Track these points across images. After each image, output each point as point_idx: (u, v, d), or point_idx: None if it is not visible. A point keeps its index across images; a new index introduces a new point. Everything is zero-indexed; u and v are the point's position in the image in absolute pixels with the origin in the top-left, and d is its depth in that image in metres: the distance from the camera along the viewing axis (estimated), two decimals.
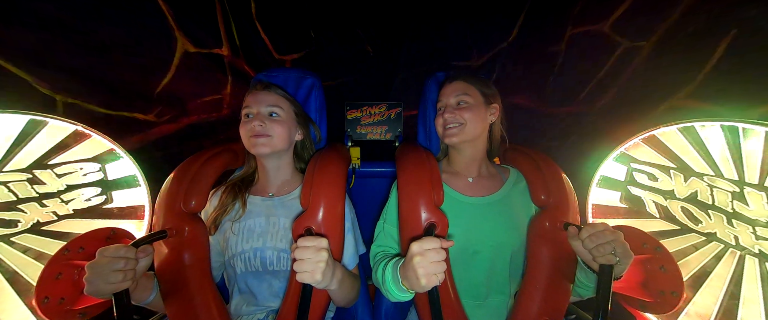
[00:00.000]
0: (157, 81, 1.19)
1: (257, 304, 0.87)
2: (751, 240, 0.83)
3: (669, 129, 0.98)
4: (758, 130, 0.81)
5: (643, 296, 0.86)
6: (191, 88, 1.31)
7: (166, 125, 1.26)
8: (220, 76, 1.41)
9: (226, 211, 0.88)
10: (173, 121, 1.28)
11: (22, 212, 0.88)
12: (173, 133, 1.30)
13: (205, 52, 1.31)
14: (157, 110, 1.21)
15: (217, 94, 1.42)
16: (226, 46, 1.38)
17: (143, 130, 1.20)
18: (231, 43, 1.40)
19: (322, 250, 0.66)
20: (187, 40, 1.22)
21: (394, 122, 1.55)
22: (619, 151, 1.11)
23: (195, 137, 1.38)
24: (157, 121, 1.23)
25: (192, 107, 1.34)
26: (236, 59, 1.45)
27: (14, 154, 0.87)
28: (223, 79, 1.42)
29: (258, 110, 0.86)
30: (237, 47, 1.43)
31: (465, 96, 0.88)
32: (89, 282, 0.61)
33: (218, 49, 1.36)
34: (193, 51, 1.26)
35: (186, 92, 1.29)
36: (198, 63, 1.29)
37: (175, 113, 1.28)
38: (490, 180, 0.92)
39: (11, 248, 0.86)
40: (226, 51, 1.39)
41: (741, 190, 0.84)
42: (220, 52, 1.37)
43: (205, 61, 1.32)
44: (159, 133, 1.25)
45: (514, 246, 0.84)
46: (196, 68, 1.29)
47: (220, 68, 1.39)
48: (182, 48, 1.22)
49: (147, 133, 1.21)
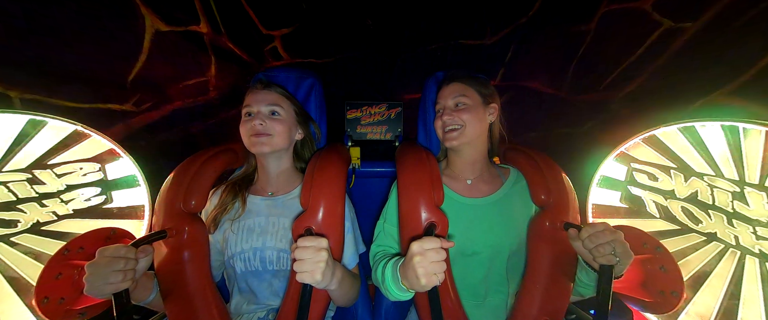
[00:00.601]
0: (129, 67, 1.08)
1: (257, 303, 0.87)
2: (752, 240, 0.83)
3: (669, 129, 0.98)
4: (758, 130, 0.81)
5: (643, 296, 0.86)
6: (169, 72, 1.19)
7: (147, 113, 1.17)
8: (202, 56, 1.27)
9: (226, 210, 0.88)
10: (155, 108, 1.19)
11: (21, 212, 0.88)
12: (157, 121, 1.21)
13: (181, 30, 1.15)
14: (135, 99, 1.12)
15: (201, 77, 1.29)
16: (205, 22, 1.20)
17: (122, 121, 1.12)
18: (210, 19, 1.22)
19: (322, 250, 0.66)
20: (156, 17, 1.07)
21: (394, 122, 1.55)
22: (619, 151, 1.11)
23: (182, 122, 1.30)
24: (137, 110, 1.14)
25: (173, 92, 1.23)
26: (218, 36, 1.27)
27: (14, 154, 0.87)
28: (205, 59, 1.28)
29: (258, 109, 0.86)
30: (217, 23, 1.25)
31: (463, 97, 0.88)
32: (89, 282, 0.61)
33: (195, 26, 1.19)
34: (166, 30, 1.11)
35: (164, 76, 1.18)
36: (173, 43, 1.15)
37: (155, 100, 1.18)
38: (489, 181, 0.92)
39: (11, 248, 0.86)
40: (205, 28, 1.21)
41: (741, 190, 0.84)
42: (198, 30, 1.20)
43: (181, 41, 1.17)
44: (141, 122, 1.16)
45: (512, 246, 0.84)
46: (171, 49, 1.15)
47: (200, 47, 1.24)
48: (152, 27, 1.08)
49: (127, 124, 1.13)
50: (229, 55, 1.34)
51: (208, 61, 1.28)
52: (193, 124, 1.35)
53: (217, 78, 1.33)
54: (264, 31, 1.40)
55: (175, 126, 1.27)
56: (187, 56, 1.22)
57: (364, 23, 1.55)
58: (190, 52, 1.23)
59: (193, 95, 1.29)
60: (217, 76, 1.33)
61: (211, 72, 1.31)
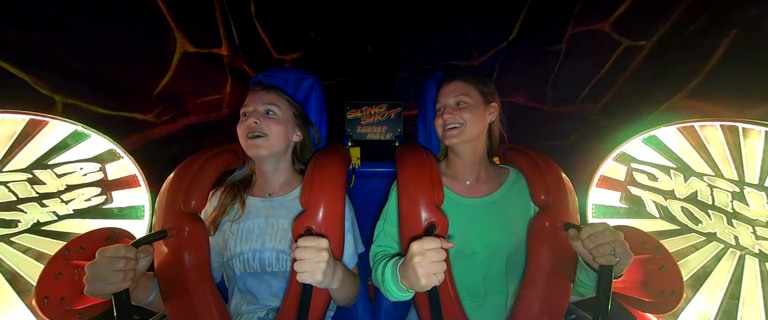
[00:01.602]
0: (157, 81, 1.19)
1: (257, 303, 0.87)
2: (751, 240, 0.83)
3: (669, 129, 0.98)
4: (758, 130, 0.81)
5: (643, 296, 0.86)
6: (191, 88, 1.31)
7: (165, 125, 1.26)
8: (220, 75, 1.41)
9: (226, 212, 0.88)
10: (173, 121, 1.28)
11: (22, 212, 0.88)
12: (173, 133, 1.29)
13: (205, 51, 1.31)
14: (157, 110, 1.21)
15: (217, 94, 1.42)
16: (226, 45, 1.38)
17: (143, 130, 1.20)
18: (230, 43, 1.40)
19: (323, 251, 0.66)
20: (186, 39, 1.22)
21: (394, 122, 1.55)
22: (619, 151, 1.11)
23: (195, 137, 1.38)
24: (157, 121, 1.22)
25: (191, 107, 1.34)
26: (236, 59, 1.45)
27: (14, 153, 0.87)
28: (222, 78, 1.42)
29: (254, 108, 0.86)
30: (236, 47, 1.43)
31: (464, 96, 0.87)
32: (89, 282, 0.61)
33: (217, 49, 1.36)
34: (193, 51, 1.26)
35: (185, 92, 1.29)
36: (197, 63, 1.29)
37: (174, 113, 1.28)
38: (488, 182, 0.92)
39: (11, 248, 0.86)
40: (226, 51, 1.39)
41: (741, 190, 0.84)
42: (219, 52, 1.37)
43: (204, 61, 1.32)
44: (159, 133, 1.25)
45: (511, 246, 0.84)
46: (195, 68, 1.29)
47: (219, 68, 1.40)
48: (182, 48, 1.22)
49: (146, 133, 1.21)
50: (244, 75, 1.49)
51: (225, 81, 1.43)
52: (205, 139, 1.43)
53: (231, 96, 1.46)
54: (276, 55, 1.61)
55: (188, 139, 1.35)
56: (208, 75, 1.36)
57: (364, 49, 1.80)
58: (210, 71, 1.36)
59: (208, 111, 1.41)
60: (231, 94, 1.45)
61: (227, 90, 1.44)
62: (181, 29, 1.19)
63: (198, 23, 1.26)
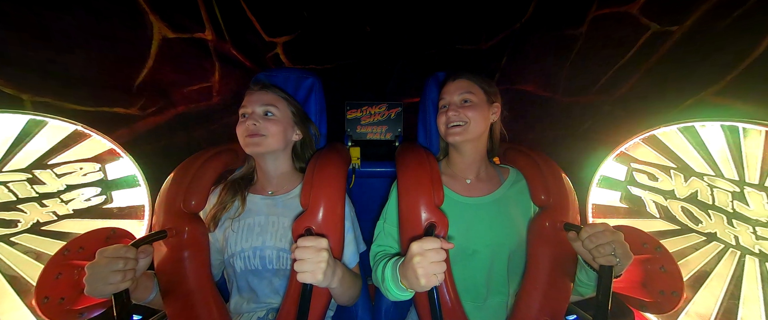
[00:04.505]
0: (136, 72, 1.11)
1: (257, 302, 0.87)
2: (751, 240, 0.83)
3: (669, 129, 0.98)
4: (758, 130, 0.81)
5: (643, 296, 0.86)
6: (175, 77, 1.23)
7: (151, 118, 1.20)
8: (206, 62, 1.31)
9: (226, 208, 0.88)
10: (159, 113, 1.22)
11: (22, 212, 0.88)
12: (161, 125, 1.23)
13: (186, 36, 1.19)
14: (140, 103, 1.14)
15: (205, 82, 1.33)
16: (210, 29, 1.26)
17: (127, 125, 1.14)
18: (215, 27, 1.27)
19: (323, 250, 0.66)
20: (163, 24, 1.11)
21: (394, 122, 1.54)
22: (619, 151, 1.11)
23: (185, 128, 1.32)
24: (141, 114, 1.16)
25: (178, 97, 1.26)
26: (223, 43, 1.32)
27: (14, 153, 0.87)
28: (209, 65, 1.32)
29: (253, 110, 0.86)
30: (222, 30, 1.30)
31: (469, 94, 0.87)
32: (89, 282, 0.61)
33: (201, 33, 1.24)
34: (173, 36, 1.16)
35: (169, 81, 1.21)
36: (179, 49, 1.19)
37: (160, 105, 1.21)
38: (489, 181, 0.92)
39: (11, 248, 0.86)
40: (210, 35, 1.26)
41: (741, 190, 0.84)
42: (203, 37, 1.25)
43: (187, 47, 1.22)
44: (145, 126, 1.19)
45: (512, 245, 0.84)
46: (177, 55, 1.20)
47: (205, 54, 1.29)
48: (159, 34, 1.12)
49: (132, 128, 1.15)
50: (233, 61, 1.38)
51: (212, 67, 1.32)
52: (196, 129, 1.36)
53: (221, 83, 1.36)
54: (267, 38, 1.45)
55: (179, 130, 1.29)
56: (192, 62, 1.26)
57: (363, 30, 1.60)
58: (195, 58, 1.26)
59: (197, 100, 1.32)
60: (221, 82, 1.36)
61: (215, 78, 1.34)
62: (156, 12, 1.08)
63: (176, 6, 1.14)
